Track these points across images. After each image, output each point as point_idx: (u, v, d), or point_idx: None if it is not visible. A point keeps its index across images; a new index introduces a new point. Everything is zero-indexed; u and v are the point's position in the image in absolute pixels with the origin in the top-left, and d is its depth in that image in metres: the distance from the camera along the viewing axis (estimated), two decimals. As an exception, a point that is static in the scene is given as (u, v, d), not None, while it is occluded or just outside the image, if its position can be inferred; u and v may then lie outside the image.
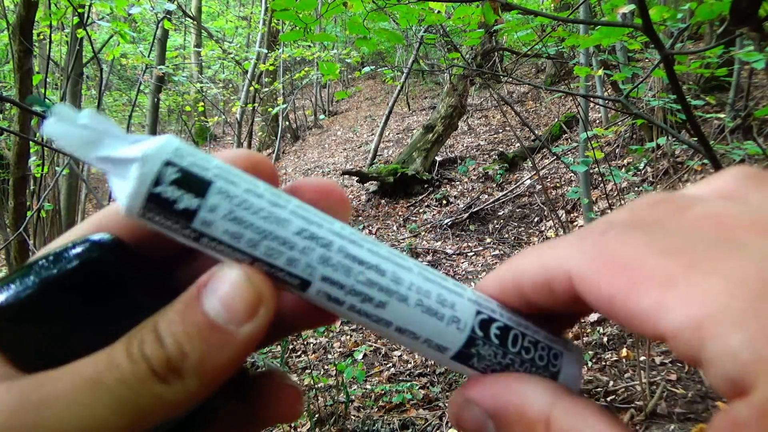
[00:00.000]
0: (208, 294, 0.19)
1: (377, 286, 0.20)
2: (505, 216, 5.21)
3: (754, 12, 1.00)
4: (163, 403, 0.18)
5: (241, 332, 0.18)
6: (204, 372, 0.18)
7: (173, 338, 0.18)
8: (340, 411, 2.46)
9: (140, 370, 0.18)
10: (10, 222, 3.09)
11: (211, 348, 0.18)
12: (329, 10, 1.73)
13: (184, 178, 0.18)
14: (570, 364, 0.22)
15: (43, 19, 3.59)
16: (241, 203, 0.19)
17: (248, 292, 0.19)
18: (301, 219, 0.20)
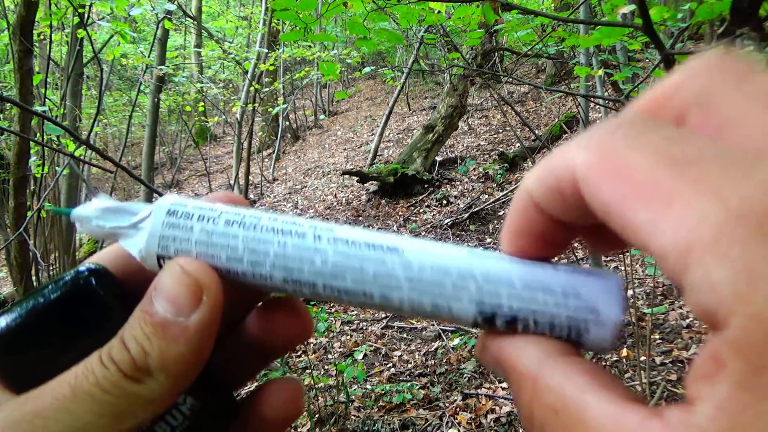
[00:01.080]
0: (157, 295, 0.20)
1: (371, 306, 0.21)
2: (505, 216, 5.20)
3: (755, 12, 1.00)
4: (139, 401, 0.20)
5: (191, 322, 0.20)
6: (168, 366, 0.20)
7: (134, 341, 0.20)
8: (340, 411, 2.46)
9: (112, 373, 0.19)
10: (11, 222, 3.09)
11: (168, 342, 0.20)
12: (329, 10, 1.73)
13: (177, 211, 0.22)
14: (598, 327, 0.20)
15: (44, 19, 3.59)
16: (213, 240, 0.22)
17: (187, 283, 0.20)
18: (282, 237, 0.22)
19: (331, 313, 3.89)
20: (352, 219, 5.94)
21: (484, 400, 2.55)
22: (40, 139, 3.05)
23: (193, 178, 11.48)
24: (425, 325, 3.51)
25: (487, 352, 0.21)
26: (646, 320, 2.75)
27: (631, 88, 1.58)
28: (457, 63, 3.22)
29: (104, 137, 11.70)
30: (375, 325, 3.67)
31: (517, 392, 0.19)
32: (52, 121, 1.76)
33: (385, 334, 3.53)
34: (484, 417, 2.42)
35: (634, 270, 3.34)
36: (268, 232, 0.21)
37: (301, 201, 7.19)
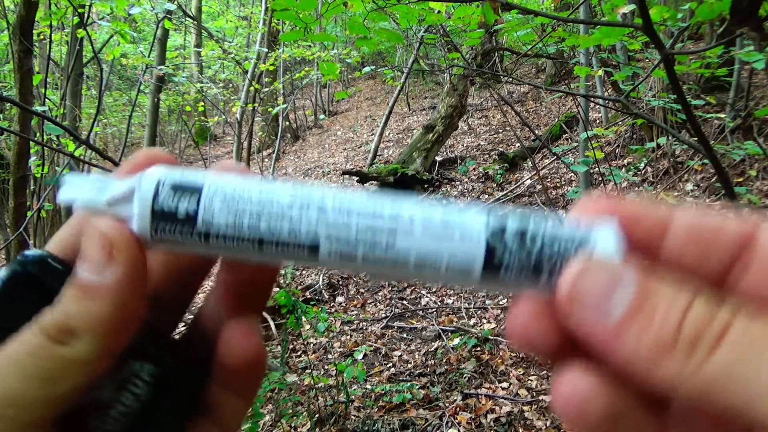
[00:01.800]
0: (79, 260, 0.21)
1: (379, 228, 0.21)
2: (505, 216, 5.21)
3: (754, 12, 1.00)
4: (69, 364, 0.20)
5: (107, 279, 0.20)
6: (93, 326, 0.20)
7: (61, 306, 0.20)
8: (340, 411, 2.46)
9: (40, 338, 0.20)
10: (10, 222, 3.09)
11: (88, 302, 0.20)
12: (329, 10, 1.73)
13: (177, 189, 0.21)
14: (605, 237, 0.21)
15: (44, 19, 3.59)
16: (233, 193, 0.21)
17: (96, 241, 0.21)
18: (291, 191, 0.21)
19: (331, 313, 3.89)
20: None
21: (484, 400, 2.55)
22: (40, 139, 3.05)
23: (194, 177, 11.47)
24: (425, 325, 3.51)
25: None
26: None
27: (631, 87, 1.58)
28: (457, 63, 3.22)
29: (104, 137, 11.70)
30: (375, 325, 3.67)
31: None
32: (52, 121, 1.76)
33: (385, 334, 3.53)
34: (483, 417, 2.42)
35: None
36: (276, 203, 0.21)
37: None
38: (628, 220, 0.22)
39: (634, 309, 0.18)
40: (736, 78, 4.25)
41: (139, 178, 0.21)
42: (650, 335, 0.17)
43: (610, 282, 0.19)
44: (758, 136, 4.03)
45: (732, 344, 0.17)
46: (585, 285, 0.19)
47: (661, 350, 0.17)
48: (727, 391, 0.16)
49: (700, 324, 0.17)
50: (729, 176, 2.33)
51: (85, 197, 0.22)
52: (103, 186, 0.22)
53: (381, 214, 0.21)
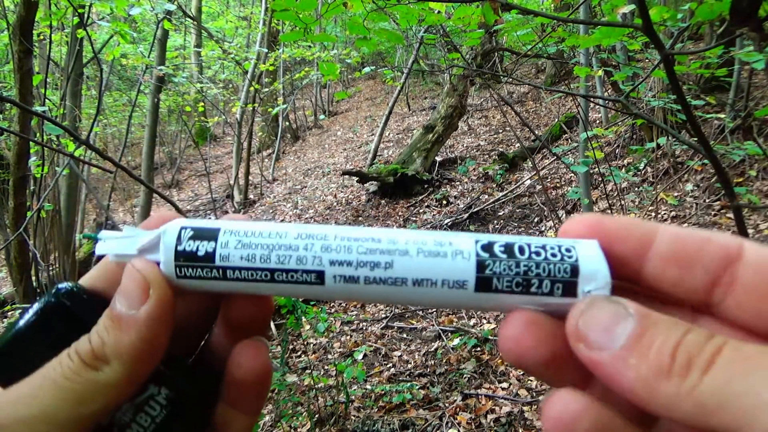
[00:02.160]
0: (117, 293, 0.24)
1: (378, 250, 0.23)
2: (505, 216, 5.21)
3: (754, 12, 1.00)
4: (98, 387, 0.22)
5: (141, 313, 0.23)
6: (122, 354, 0.23)
7: (96, 334, 0.23)
8: (340, 411, 2.46)
9: (74, 363, 0.22)
10: (10, 222, 3.09)
11: (122, 333, 0.23)
12: (329, 10, 1.73)
13: (197, 233, 0.25)
14: (586, 248, 0.23)
15: (43, 19, 3.59)
16: (245, 233, 0.24)
17: (136, 279, 0.24)
18: (296, 227, 0.25)
19: (331, 314, 3.89)
20: (351, 219, 5.94)
21: (484, 400, 2.55)
22: (39, 139, 3.05)
23: (193, 178, 11.48)
24: (425, 325, 3.51)
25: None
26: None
27: (631, 88, 1.58)
28: (457, 63, 3.22)
29: (104, 137, 11.70)
30: (375, 326, 3.67)
31: None
32: (52, 121, 1.76)
33: (385, 334, 3.53)
34: (483, 417, 2.42)
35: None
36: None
37: (300, 201, 7.19)
38: (610, 238, 0.23)
39: (634, 340, 0.20)
40: (736, 78, 4.25)
41: (164, 227, 0.25)
42: (648, 362, 0.19)
43: (612, 318, 0.21)
44: (758, 137, 4.03)
45: (723, 365, 0.18)
46: (590, 320, 0.21)
47: (659, 375, 0.19)
48: (720, 410, 0.17)
49: (693, 349, 0.19)
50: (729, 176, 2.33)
51: (119, 250, 0.25)
52: (133, 239, 0.25)
53: (378, 238, 0.24)
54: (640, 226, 0.23)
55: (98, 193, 8.91)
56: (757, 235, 3.37)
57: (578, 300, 0.22)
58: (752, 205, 2.98)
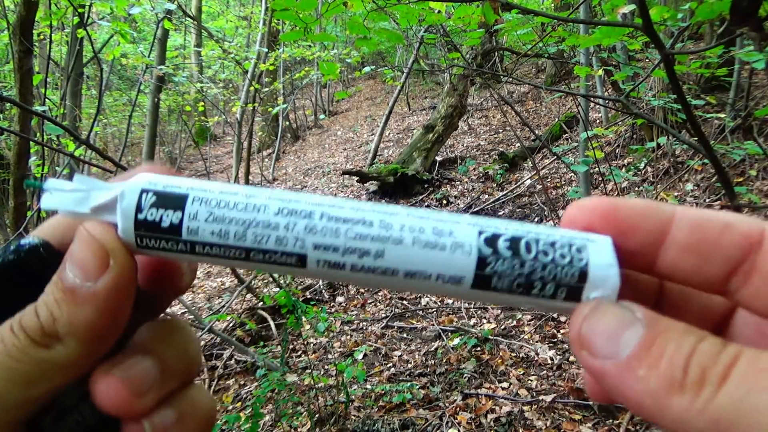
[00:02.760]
0: (66, 261, 0.20)
1: (369, 237, 0.21)
2: (505, 216, 5.21)
3: (754, 12, 1.00)
4: (50, 367, 0.20)
5: (98, 287, 0.20)
6: (78, 331, 0.20)
7: (45, 308, 0.20)
8: (340, 411, 2.46)
9: (20, 341, 0.19)
10: (10, 222, 3.09)
11: (76, 308, 0.20)
12: (329, 10, 1.73)
13: (161, 199, 0.21)
14: (598, 252, 0.21)
15: (44, 19, 3.58)
16: (218, 203, 0.21)
17: (93, 248, 0.20)
18: (278, 200, 0.21)
19: (331, 313, 3.89)
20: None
21: (484, 400, 2.55)
22: (40, 139, 3.05)
23: (193, 177, 11.47)
24: (425, 325, 3.51)
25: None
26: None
27: (631, 87, 1.58)
28: (457, 63, 3.22)
29: (104, 137, 11.70)
30: (375, 325, 3.67)
31: None
32: (52, 121, 1.76)
33: (385, 334, 3.53)
34: (484, 417, 2.42)
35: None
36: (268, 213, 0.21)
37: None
38: (625, 230, 0.22)
39: (642, 349, 0.18)
40: (736, 78, 4.25)
41: (122, 186, 0.21)
42: (659, 374, 0.18)
43: (619, 323, 0.19)
44: (758, 136, 4.03)
45: (739, 379, 0.17)
46: (595, 325, 0.20)
47: (670, 389, 0.17)
48: (736, 427, 0.16)
49: (707, 362, 0.17)
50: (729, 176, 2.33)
51: (68, 206, 0.21)
52: (86, 194, 0.22)
53: (370, 221, 0.21)
54: (657, 212, 0.22)
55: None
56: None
57: (581, 304, 0.21)
58: (752, 204, 2.98)
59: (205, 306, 4.65)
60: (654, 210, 0.22)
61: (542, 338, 3.05)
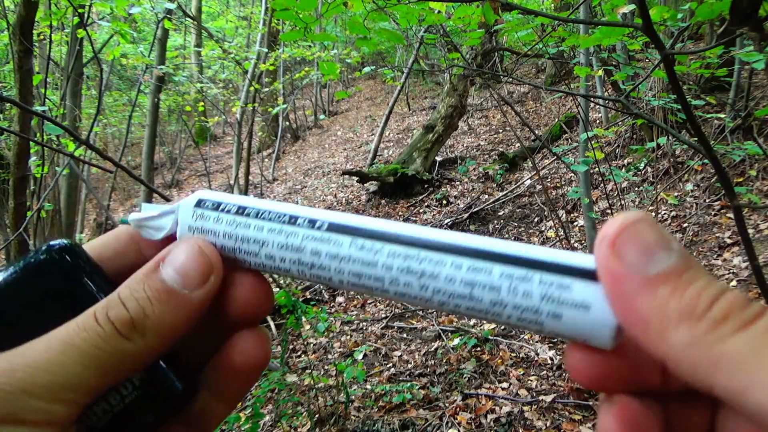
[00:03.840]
0: (166, 265, 0.22)
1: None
2: (505, 216, 5.21)
3: (754, 12, 1.00)
4: (126, 358, 0.21)
5: (194, 296, 0.22)
6: (163, 330, 0.22)
7: (136, 302, 0.21)
8: (340, 411, 2.46)
9: (106, 330, 0.21)
10: (11, 222, 3.09)
11: (169, 309, 0.22)
12: (329, 10, 1.73)
13: (218, 208, 0.25)
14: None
15: (44, 19, 3.58)
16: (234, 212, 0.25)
17: (201, 262, 0.23)
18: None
19: (331, 314, 3.89)
20: (352, 219, 5.94)
21: (484, 400, 2.55)
22: (40, 139, 3.05)
23: (193, 178, 11.48)
24: (425, 325, 3.51)
25: None
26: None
27: (632, 87, 1.58)
28: (457, 63, 3.22)
29: (104, 137, 11.70)
30: (375, 325, 3.67)
31: None
32: (52, 121, 1.76)
33: (385, 334, 3.53)
34: (484, 417, 2.42)
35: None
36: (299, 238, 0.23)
37: (301, 201, 7.19)
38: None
39: (672, 272, 0.18)
40: (736, 78, 4.25)
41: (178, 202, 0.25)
42: (681, 299, 0.17)
43: (657, 241, 0.19)
44: (758, 136, 4.03)
45: (761, 329, 0.16)
46: (633, 235, 0.19)
47: (686, 316, 0.17)
48: (735, 375, 0.16)
49: (733, 306, 0.17)
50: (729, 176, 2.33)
51: (152, 235, 0.25)
52: (161, 221, 0.25)
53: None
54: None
55: (98, 193, 8.91)
56: (757, 235, 3.37)
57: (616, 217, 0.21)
58: (752, 204, 2.98)
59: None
60: None
61: (542, 338, 3.05)
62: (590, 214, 2.97)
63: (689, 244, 3.64)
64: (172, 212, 0.25)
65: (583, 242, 4.07)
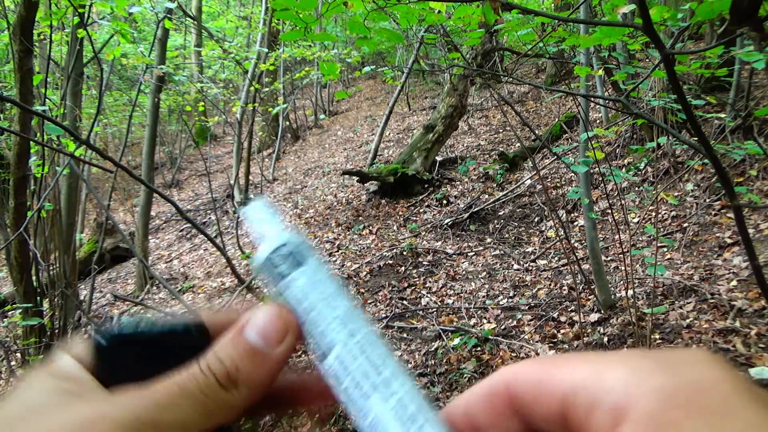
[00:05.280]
0: (252, 327, 0.27)
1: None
2: (505, 216, 5.21)
3: (755, 11, 1.00)
4: (225, 405, 0.25)
5: (274, 353, 0.26)
6: (252, 383, 0.26)
7: (230, 359, 0.26)
8: (340, 411, 2.46)
9: (210, 380, 0.25)
10: (11, 222, 3.09)
11: (255, 365, 0.26)
12: (330, 9, 1.73)
13: (287, 256, 0.27)
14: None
15: (44, 19, 3.58)
16: (312, 284, 0.27)
17: (279, 324, 0.27)
18: (342, 311, 0.27)
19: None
20: (352, 219, 5.94)
21: (484, 400, 2.55)
22: (40, 139, 3.05)
23: (193, 177, 11.48)
24: (425, 325, 3.51)
25: None
26: (646, 320, 2.75)
27: (632, 87, 1.58)
28: (457, 63, 3.22)
29: (104, 137, 11.70)
30: (375, 325, 3.67)
31: None
32: (52, 121, 1.76)
33: (385, 334, 3.53)
34: (484, 417, 2.42)
35: (634, 270, 3.34)
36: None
37: (301, 201, 7.19)
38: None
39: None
40: (736, 78, 4.25)
41: (278, 236, 0.28)
42: None
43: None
44: (758, 136, 4.03)
45: None
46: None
47: None
48: None
49: None
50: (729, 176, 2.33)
51: (263, 231, 0.29)
52: (266, 223, 0.29)
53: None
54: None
55: (98, 192, 8.91)
56: (757, 235, 3.37)
57: None
58: (753, 204, 2.98)
59: (205, 306, 4.65)
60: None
61: (542, 338, 3.05)
62: (590, 214, 2.97)
63: (689, 244, 3.64)
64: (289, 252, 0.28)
65: (582, 242, 4.07)
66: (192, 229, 7.63)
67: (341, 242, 5.36)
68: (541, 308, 3.40)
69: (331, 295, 0.27)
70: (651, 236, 3.57)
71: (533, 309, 3.43)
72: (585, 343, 2.82)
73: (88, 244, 6.78)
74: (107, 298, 5.76)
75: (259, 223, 0.29)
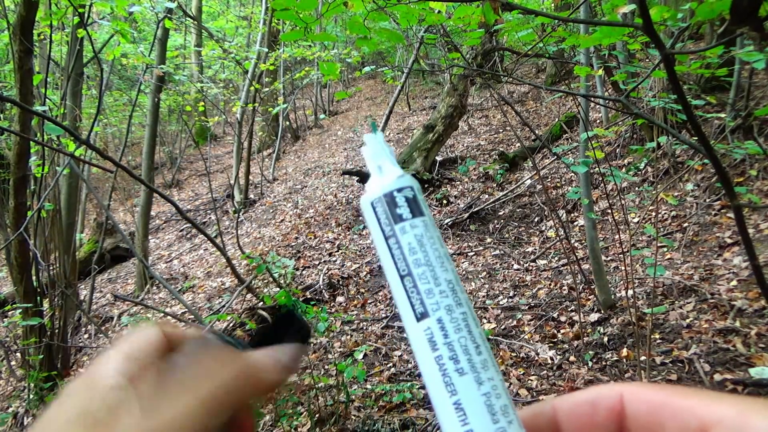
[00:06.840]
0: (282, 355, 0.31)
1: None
2: (505, 216, 5.21)
3: (755, 11, 1.00)
4: (260, 385, 0.28)
5: (285, 378, 0.30)
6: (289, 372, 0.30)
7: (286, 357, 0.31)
8: (340, 411, 2.46)
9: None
10: (11, 222, 3.09)
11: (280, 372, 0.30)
12: (330, 9, 1.73)
13: (411, 200, 0.26)
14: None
15: (44, 19, 3.58)
16: (429, 237, 0.25)
17: (297, 366, 0.31)
18: (453, 276, 0.25)
19: (331, 313, 3.89)
20: (352, 219, 5.94)
21: (484, 400, 2.54)
22: (40, 139, 3.05)
23: (193, 177, 11.48)
24: (425, 324, 3.50)
25: None
26: (646, 320, 2.75)
27: (632, 87, 1.58)
28: (457, 63, 3.22)
29: (104, 137, 11.70)
30: (375, 325, 3.67)
31: None
32: (52, 121, 1.76)
33: (385, 333, 3.53)
34: (484, 417, 2.41)
35: (634, 270, 3.34)
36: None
37: (301, 201, 7.19)
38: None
39: None
40: (736, 78, 4.25)
41: (405, 173, 0.27)
42: None
43: None
44: (758, 136, 4.03)
45: None
46: None
47: None
48: None
49: None
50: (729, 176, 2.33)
51: (372, 154, 0.28)
52: (382, 151, 0.28)
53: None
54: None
55: (98, 192, 8.91)
56: (757, 235, 3.37)
57: None
58: (753, 204, 2.98)
59: (205, 306, 4.65)
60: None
61: (542, 338, 3.05)
62: (590, 214, 2.97)
63: (689, 244, 3.64)
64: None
65: (582, 242, 4.07)
66: (192, 229, 7.63)
67: (341, 242, 5.36)
68: (541, 308, 3.40)
69: (444, 255, 0.25)
70: (651, 236, 3.57)
71: (533, 309, 3.43)
72: (585, 343, 2.82)
73: (88, 244, 6.78)
74: (107, 298, 5.76)
75: (377, 156, 0.27)
